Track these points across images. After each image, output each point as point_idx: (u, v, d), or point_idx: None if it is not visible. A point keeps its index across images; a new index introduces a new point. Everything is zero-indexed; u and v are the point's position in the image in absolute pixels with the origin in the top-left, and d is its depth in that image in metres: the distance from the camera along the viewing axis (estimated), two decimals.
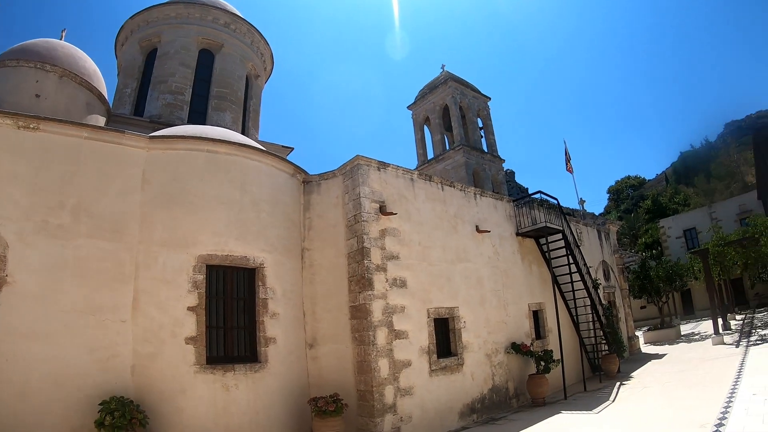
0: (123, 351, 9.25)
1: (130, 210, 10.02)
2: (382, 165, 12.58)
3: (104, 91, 16.59)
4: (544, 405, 13.94)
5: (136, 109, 18.49)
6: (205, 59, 19.45)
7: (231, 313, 10.77)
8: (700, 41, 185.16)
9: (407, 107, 37.75)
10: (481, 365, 13.57)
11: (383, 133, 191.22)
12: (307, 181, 13.01)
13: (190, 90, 18.46)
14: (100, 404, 8.37)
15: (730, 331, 25.22)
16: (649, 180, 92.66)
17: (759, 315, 32.69)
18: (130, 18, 19.61)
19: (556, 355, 15.04)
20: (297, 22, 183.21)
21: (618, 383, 15.82)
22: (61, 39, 17.00)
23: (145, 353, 9.43)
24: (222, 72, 19.41)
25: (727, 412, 9.72)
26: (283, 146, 19.97)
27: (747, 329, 25.44)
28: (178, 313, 9.80)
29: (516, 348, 14.62)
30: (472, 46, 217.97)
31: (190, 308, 9.90)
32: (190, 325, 9.83)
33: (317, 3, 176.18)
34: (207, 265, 10.36)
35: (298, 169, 12.82)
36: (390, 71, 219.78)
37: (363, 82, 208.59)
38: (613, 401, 13.21)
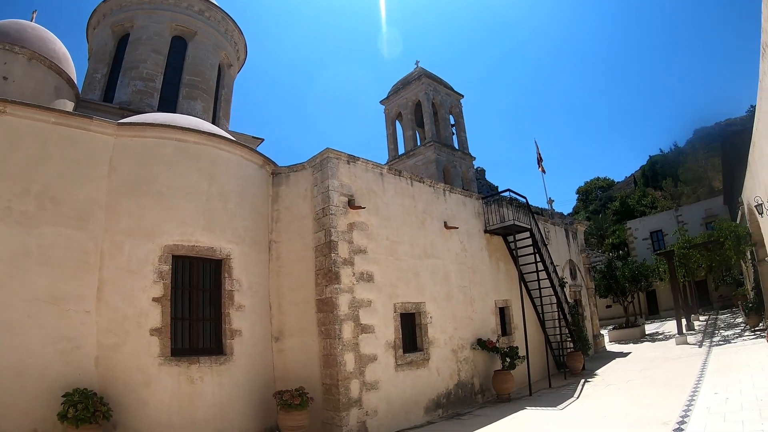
0: (87, 342, 9.12)
1: (97, 198, 9.85)
2: (352, 158, 12.57)
3: (74, 75, 16.35)
4: (509, 401, 14.08)
5: (106, 95, 18.16)
6: (178, 46, 19.21)
7: (197, 305, 10.67)
8: (674, 48, 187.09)
9: (380, 102, 37.69)
10: (446, 360, 13.65)
11: (358, 127, 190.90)
12: (276, 173, 12.94)
13: (162, 77, 18.23)
14: (63, 396, 8.26)
15: (693, 332, 25.63)
16: (618, 182, 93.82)
17: (722, 316, 33.31)
18: (103, 1, 19.20)
19: (522, 352, 15.14)
20: (275, 12, 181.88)
21: (582, 380, 16.04)
22: (31, 20, 16.74)
23: (109, 344, 9.30)
24: (194, 60, 19.19)
25: (689, 410, 9.91)
26: (253, 137, 19.83)
27: (710, 330, 25.91)
28: (143, 303, 9.68)
29: (482, 344, 14.72)
30: (447, 43, 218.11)
31: (155, 299, 9.78)
32: (155, 317, 9.71)
33: None
34: (173, 256, 10.23)
35: (268, 161, 12.74)
36: (367, 66, 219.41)
37: (341, 76, 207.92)
38: (578, 398, 13.40)
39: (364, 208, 12.25)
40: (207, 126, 12.64)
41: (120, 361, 9.31)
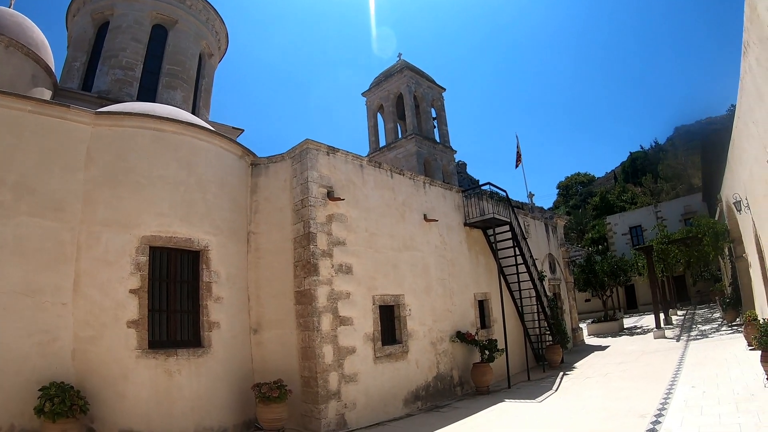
0: (63, 335, 9.03)
1: (73, 188, 9.73)
2: (332, 150, 12.52)
3: (52, 63, 16.15)
4: (488, 393, 14.16)
5: (85, 84, 17.97)
6: (158, 35, 19.04)
7: (174, 297, 10.59)
8: (656, 46, 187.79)
9: (362, 94, 37.73)
10: (426, 353, 13.68)
11: (341, 119, 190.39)
12: (256, 164, 12.85)
13: (141, 66, 18.06)
14: (39, 390, 8.18)
15: (671, 326, 25.91)
16: (598, 177, 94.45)
17: (700, 311, 33.69)
18: None
19: (501, 345, 15.20)
20: (258, 1, 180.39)
21: (561, 373, 16.16)
22: (10, 7, 16.55)
23: (86, 337, 9.21)
24: (175, 49, 19.05)
25: (666, 404, 10.05)
26: (233, 128, 19.73)
27: (688, 324, 26.21)
28: (120, 295, 9.58)
29: (461, 337, 14.78)
30: (431, 36, 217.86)
31: (132, 291, 9.69)
32: (132, 309, 9.62)
33: None
34: (150, 247, 10.14)
35: (247, 151, 12.65)
36: (350, 57, 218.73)
37: (324, 68, 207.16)
38: (556, 391, 13.49)
39: (343, 199, 12.23)
40: (186, 116, 12.53)
41: (97, 353, 9.22)
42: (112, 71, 17.42)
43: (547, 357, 18.08)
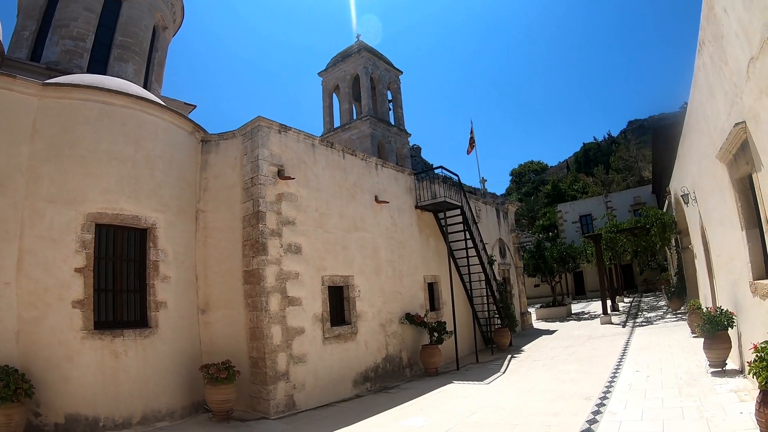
0: (6, 316, 8.70)
1: (18, 162, 9.32)
2: (283, 128, 12.38)
3: None
4: (436, 375, 14.35)
5: (34, 54, 17.38)
6: (112, 5, 18.51)
7: (120, 276, 10.37)
8: (616, 41, 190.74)
9: (318, 73, 37.59)
10: (375, 334, 13.78)
11: (296, 99, 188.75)
12: (206, 140, 12.62)
13: (93, 37, 17.58)
14: None
15: (618, 312, 26.52)
16: (551, 166, 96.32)
17: (646, 299, 34.57)
18: None
19: (450, 327, 15.43)
20: None
21: (509, 356, 16.46)
22: None
23: (30, 318, 8.91)
24: (128, 20, 18.58)
25: (611, 387, 10.34)
26: (186, 103, 19.42)
27: (634, 311, 26.86)
28: (64, 274, 9.31)
29: (410, 318, 14.91)
30: (390, 20, 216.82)
31: (77, 270, 9.43)
32: (78, 288, 9.37)
33: None
34: (96, 224, 9.86)
35: (197, 127, 12.40)
36: (311, 37, 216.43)
37: (282, 45, 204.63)
38: (504, 373, 13.74)
39: (293, 178, 12.12)
40: (135, 89, 12.20)
41: (41, 335, 8.94)
42: (62, 41, 16.95)
43: (495, 340, 18.34)
